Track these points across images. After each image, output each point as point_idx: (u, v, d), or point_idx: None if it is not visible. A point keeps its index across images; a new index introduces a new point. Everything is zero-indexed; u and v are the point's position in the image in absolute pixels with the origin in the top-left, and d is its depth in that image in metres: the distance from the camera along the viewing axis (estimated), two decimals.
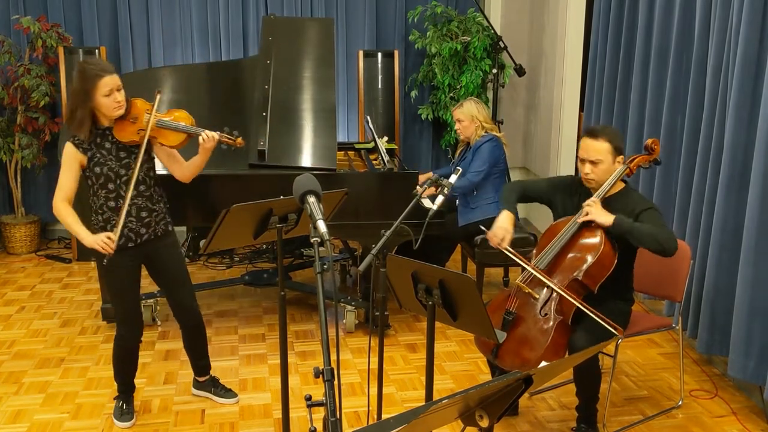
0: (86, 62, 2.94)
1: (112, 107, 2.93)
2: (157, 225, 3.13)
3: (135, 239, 3.08)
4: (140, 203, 3.06)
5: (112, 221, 3.01)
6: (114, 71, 2.94)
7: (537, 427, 3.27)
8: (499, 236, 3.01)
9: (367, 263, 2.53)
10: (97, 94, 2.89)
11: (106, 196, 3.02)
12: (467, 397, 1.53)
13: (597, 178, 2.98)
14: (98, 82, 2.87)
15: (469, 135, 4.42)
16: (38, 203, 5.92)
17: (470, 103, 4.44)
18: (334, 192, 2.85)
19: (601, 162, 2.95)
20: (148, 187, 3.09)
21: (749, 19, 3.28)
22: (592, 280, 2.91)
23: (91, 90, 2.88)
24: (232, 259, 5.54)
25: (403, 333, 4.27)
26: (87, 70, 2.89)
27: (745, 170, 3.39)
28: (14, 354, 3.95)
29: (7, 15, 5.58)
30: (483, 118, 4.39)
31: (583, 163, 2.99)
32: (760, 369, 3.27)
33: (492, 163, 4.29)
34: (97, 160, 3.00)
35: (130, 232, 3.05)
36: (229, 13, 5.83)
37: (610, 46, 4.80)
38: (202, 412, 3.37)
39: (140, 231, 3.08)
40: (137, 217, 3.06)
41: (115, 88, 2.92)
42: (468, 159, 4.36)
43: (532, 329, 2.91)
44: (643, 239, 2.83)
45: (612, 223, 2.87)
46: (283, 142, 4.15)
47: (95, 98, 2.90)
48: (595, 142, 2.96)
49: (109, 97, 2.91)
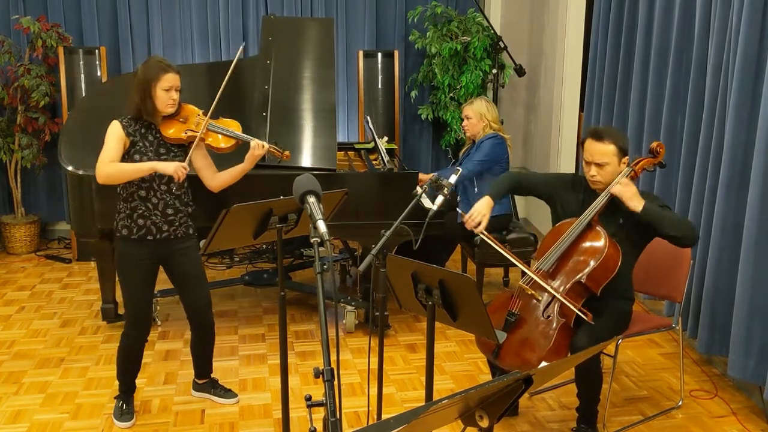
0: (156, 57, 3.09)
1: (166, 102, 3.05)
2: (179, 226, 3.16)
3: (155, 234, 3.11)
4: (168, 200, 3.11)
5: (140, 210, 3.07)
6: (178, 71, 3.06)
7: (537, 427, 3.27)
8: (475, 219, 3.01)
9: (367, 263, 2.53)
10: (157, 86, 3.01)
11: (139, 185, 3.07)
12: (467, 398, 1.53)
13: (603, 180, 2.96)
14: (162, 75, 3.00)
15: (475, 133, 4.41)
16: (38, 203, 5.92)
17: (481, 101, 4.43)
18: (334, 192, 2.85)
19: (607, 164, 2.93)
20: (179, 187, 3.15)
21: (749, 18, 3.28)
22: (595, 282, 2.91)
23: (153, 80, 3.00)
24: (232, 259, 5.54)
25: (403, 333, 4.27)
26: (154, 62, 3.04)
27: (745, 170, 3.39)
28: (14, 354, 3.95)
29: (7, 15, 5.58)
30: (492, 118, 4.38)
31: (589, 166, 2.97)
32: (760, 369, 3.27)
33: (492, 159, 4.27)
34: (138, 148, 3.06)
35: (152, 225, 3.10)
36: (229, 13, 5.83)
37: (610, 46, 4.80)
38: (202, 413, 3.37)
39: (162, 227, 3.11)
40: (163, 212, 3.10)
41: (175, 86, 3.04)
42: (472, 155, 4.36)
43: (535, 331, 2.91)
44: (673, 228, 2.81)
45: (642, 209, 2.84)
46: (283, 142, 4.15)
47: (154, 89, 3.01)
48: (601, 145, 2.93)
49: (167, 92, 3.03)
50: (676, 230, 2.82)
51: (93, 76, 5.43)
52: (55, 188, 5.94)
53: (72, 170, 3.91)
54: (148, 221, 3.08)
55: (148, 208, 3.08)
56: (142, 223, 3.08)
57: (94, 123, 4.23)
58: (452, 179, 2.88)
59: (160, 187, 3.08)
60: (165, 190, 3.09)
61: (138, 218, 3.08)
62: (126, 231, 3.09)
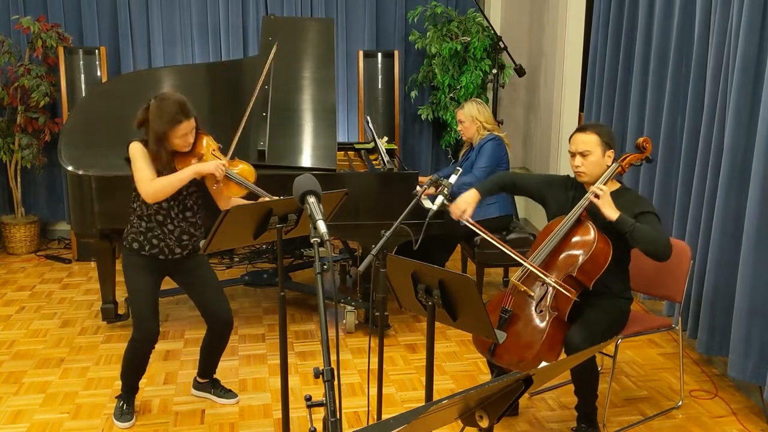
0: (166, 101, 2.98)
1: (181, 146, 3.06)
2: (190, 245, 3.21)
3: (167, 255, 3.14)
4: (184, 227, 3.15)
5: (155, 232, 3.10)
6: (192, 114, 3.02)
7: (537, 427, 3.28)
8: (460, 208, 3.06)
9: (367, 263, 2.53)
10: (172, 136, 3.00)
11: (157, 211, 3.10)
12: (467, 398, 1.53)
13: (587, 171, 3.00)
14: (176, 127, 2.98)
15: (471, 136, 4.44)
16: (38, 203, 5.93)
17: (471, 104, 4.46)
18: (334, 192, 2.85)
19: (590, 153, 2.98)
20: (194, 214, 3.19)
21: (749, 20, 3.28)
22: (587, 276, 2.93)
23: (168, 132, 2.98)
24: (232, 260, 5.54)
25: (403, 333, 4.27)
26: (167, 111, 2.96)
27: (745, 171, 3.39)
28: (14, 354, 3.95)
29: (7, 15, 5.58)
30: (484, 119, 4.40)
31: (573, 157, 3.04)
32: (760, 369, 3.27)
33: (495, 161, 4.30)
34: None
35: (165, 247, 3.13)
36: (229, 12, 5.83)
37: (610, 47, 4.80)
38: (202, 413, 3.37)
39: (175, 250, 3.15)
40: (178, 238, 3.14)
41: (189, 131, 3.04)
42: (472, 159, 4.37)
43: (528, 326, 2.92)
44: (642, 242, 2.84)
45: (615, 220, 2.87)
46: (283, 142, 4.15)
47: (168, 140, 3.01)
48: (583, 135, 3.02)
49: (182, 138, 3.03)
50: (648, 245, 2.84)
51: (93, 76, 5.44)
52: (55, 188, 5.94)
53: (72, 170, 3.91)
54: (162, 243, 3.12)
55: (164, 232, 3.11)
56: (156, 243, 3.11)
57: (94, 123, 4.25)
58: (452, 179, 2.89)
59: (178, 215, 3.12)
60: (182, 218, 3.14)
61: (152, 239, 3.11)
62: (137, 245, 3.11)
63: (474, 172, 4.27)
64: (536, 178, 3.33)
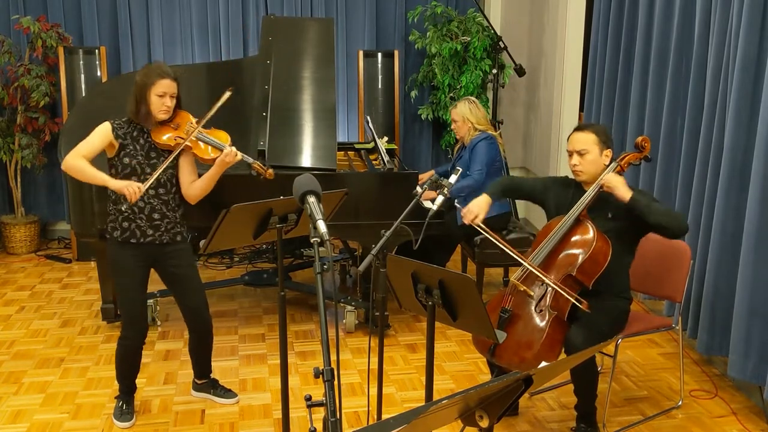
0: (157, 63, 3.08)
1: (159, 108, 3.04)
2: (166, 232, 3.13)
3: (139, 237, 3.09)
4: (155, 204, 3.09)
5: (126, 212, 3.06)
6: (176, 77, 3.05)
7: (537, 427, 3.28)
8: (473, 212, 3.05)
9: (367, 263, 2.53)
10: (151, 91, 3.00)
11: None
12: (467, 398, 1.53)
13: (585, 170, 3.02)
14: (157, 81, 3.00)
15: (463, 135, 4.46)
16: (38, 203, 5.93)
17: (464, 103, 4.46)
18: (334, 192, 2.85)
19: (587, 152, 3.00)
20: (167, 192, 3.12)
21: (749, 20, 3.28)
22: (586, 275, 2.93)
23: (148, 85, 3.00)
24: (232, 259, 5.54)
25: (403, 333, 4.27)
26: (152, 68, 3.04)
27: (745, 171, 3.39)
28: (14, 354, 3.95)
29: (7, 15, 5.58)
30: (475, 119, 4.39)
31: (571, 156, 3.06)
32: (760, 369, 3.27)
33: (489, 161, 4.30)
34: (128, 151, 3.05)
35: (136, 229, 3.08)
36: (229, 12, 5.83)
37: (610, 47, 4.80)
38: (202, 413, 3.37)
39: (147, 231, 3.09)
40: (148, 217, 3.08)
41: (169, 93, 3.04)
42: (465, 158, 4.37)
43: (528, 326, 2.92)
44: (661, 214, 2.84)
45: (630, 198, 2.87)
46: (283, 142, 4.15)
47: (148, 94, 3.01)
48: (581, 134, 3.04)
49: (161, 98, 3.02)
50: (664, 219, 2.84)
51: (93, 76, 5.44)
52: (55, 188, 5.94)
53: None
54: (132, 224, 3.07)
55: (134, 211, 3.06)
56: (127, 226, 3.07)
57: (94, 123, 4.21)
58: (452, 179, 2.89)
59: (148, 191, 3.05)
60: (153, 194, 3.07)
61: (123, 221, 3.07)
62: (114, 232, 3.09)
63: (471, 175, 4.27)
64: (537, 181, 3.33)
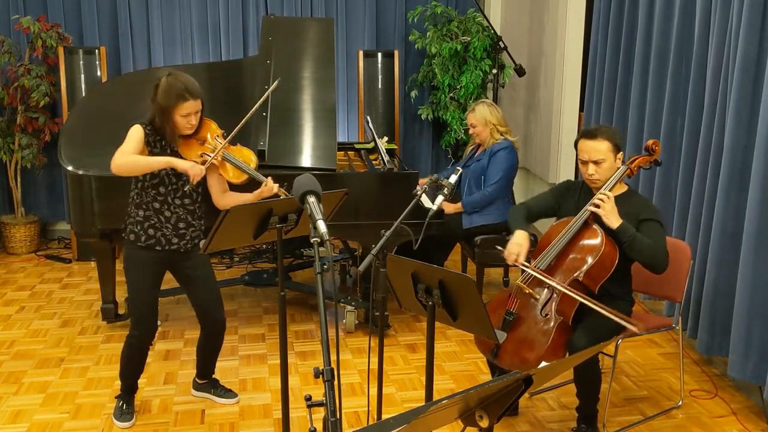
0: (175, 78, 2.98)
1: (184, 127, 3.03)
2: (190, 240, 3.16)
3: (164, 245, 3.11)
4: (181, 214, 3.12)
5: (152, 220, 3.07)
6: (199, 95, 3.00)
7: (537, 427, 3.27)
8: (514, 253, 2.99)
9: (367, 263, 2.53)
10: (175, 113, 2.97)
11: (155, 197, 3.07)
12: (467, 398, 1.53)
13: (602, 178, 3.00)
14: (180, 104, 2.95)
15: (484, 139, 4.38)
16: (38, 203, 5.93)
17: (482, 106, 4.40)
18: (334, 192, 2.85)
19: (603, 161, 2.97)
20: (193, 202, 3.15)
21: (749, 20, 3.28)
22: (593, 280, 2.92)
23: (172, 108, 2.96)
24: (232, 259, 5.54)
25: (403, 333, 4.27)
26: (173, 87, 2.95)
27: (745, 171, 3.39)
28: (14, 354, 3.95)
29: (7, 15, 5.58)
30: (496, 121, 4.35)
31: (586, 165, 3.01)
32: (760, 369, 3.27)
33: (509, 170, 4.29)
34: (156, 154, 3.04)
35: (162, 237, 3.10)
36: (229, 12, 5.83)
37: (610, 47, 4.80)
38: (202, 412, 3.37)
39: (172, 240, 3.11)
40: (175, 226, 3.11)
41: (193, 112, 3.00)
42: (483, 162, 4.33)
43: (533, 329, 2.91)
44: (638, 253, 2.87)
45: (616, 228, 2.88)
46: (283, 142, 4.15)
47: (172, 116, 2.98)
48: (595, 142, 2.98)
49: (185, 118, 3.00)
50: (645, 257, 2.88)
51: (93, 76, 5.44)
52: (55, 188, 5.94)
53: (72, 170, 3.91)
54: (158, 233, 3.09)
55: (161, 220, 3.08)
56: (152, 233, 3.08)
57: (94, 123, 4.25)
58: (452, 179, 2.88)
59: (174, 201, 3.08)
60: (179, 204, 3.10)
61: (149, 228, 3.08)
62: (134, 236, 3.08)
63: (485, 188, 4.25)
64: (547, 196, 3.28)
